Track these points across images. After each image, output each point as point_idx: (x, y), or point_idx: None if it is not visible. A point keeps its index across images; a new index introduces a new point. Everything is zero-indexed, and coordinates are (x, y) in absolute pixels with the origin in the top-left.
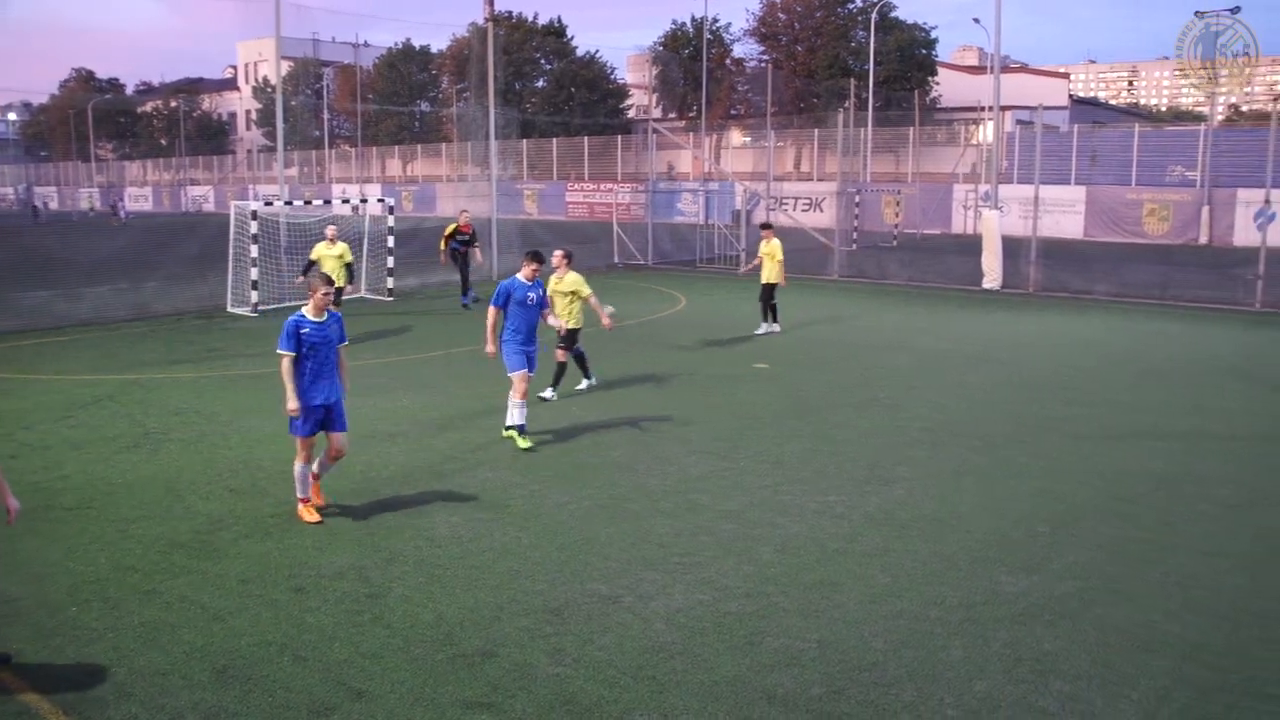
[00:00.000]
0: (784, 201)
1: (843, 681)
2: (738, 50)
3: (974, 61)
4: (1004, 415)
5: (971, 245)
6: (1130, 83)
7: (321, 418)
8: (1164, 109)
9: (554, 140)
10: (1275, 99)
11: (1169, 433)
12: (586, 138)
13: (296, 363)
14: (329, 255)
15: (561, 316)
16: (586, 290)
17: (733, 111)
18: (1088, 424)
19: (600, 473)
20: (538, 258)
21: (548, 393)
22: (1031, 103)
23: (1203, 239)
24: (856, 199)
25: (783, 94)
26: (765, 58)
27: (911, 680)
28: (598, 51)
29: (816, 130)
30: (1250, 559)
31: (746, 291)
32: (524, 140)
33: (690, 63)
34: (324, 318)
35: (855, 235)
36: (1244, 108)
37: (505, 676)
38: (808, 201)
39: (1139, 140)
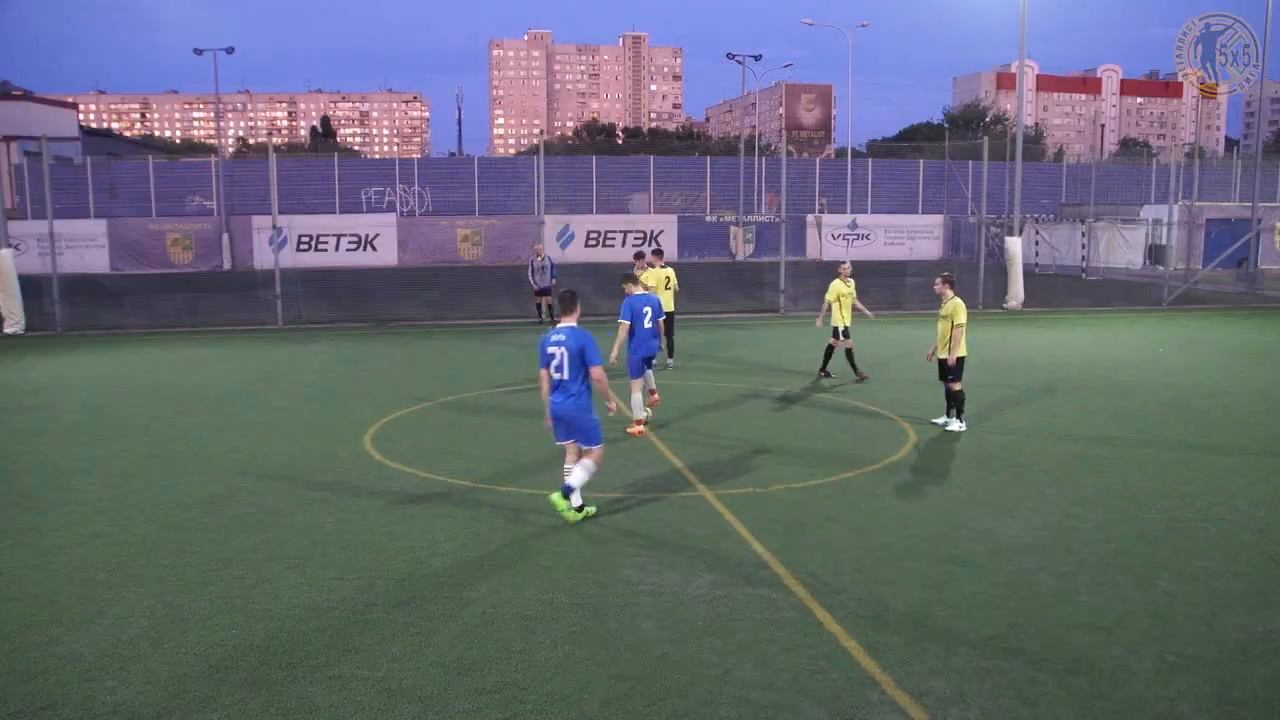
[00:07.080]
0: None
1: None
2: None
3: None
4: (34, 464)
5: None
6: (143, 115)
7: None
8: (179, 140)
9: None
10: (271, 133)
11: (214, 452)
12: None
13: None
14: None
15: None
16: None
17: None
18: (133, 460)
19: None
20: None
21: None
22: (37, 132)
23: (227, 264)
24: None
25: None
26: None
27: None
28: None
29: None
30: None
31: None
32: None
33: None
34: None
35: None
36: (250, 140)
37: None
38: None
39: (155, 172)
